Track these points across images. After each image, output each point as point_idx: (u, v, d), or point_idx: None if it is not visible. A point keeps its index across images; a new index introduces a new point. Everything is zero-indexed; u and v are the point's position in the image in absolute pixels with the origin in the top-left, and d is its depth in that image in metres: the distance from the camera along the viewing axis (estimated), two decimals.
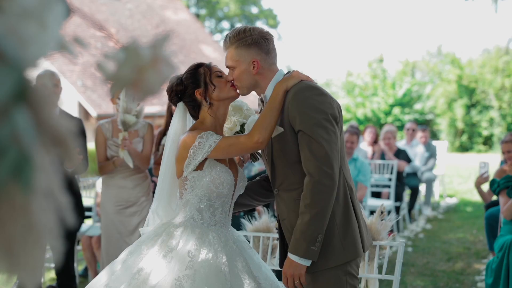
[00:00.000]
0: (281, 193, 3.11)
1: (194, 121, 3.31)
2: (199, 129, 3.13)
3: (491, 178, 6.15)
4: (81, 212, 5.56)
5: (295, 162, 3.00)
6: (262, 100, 3.20)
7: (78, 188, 5.59)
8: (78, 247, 6.92)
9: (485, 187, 6.83)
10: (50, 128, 0.91)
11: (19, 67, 0.90)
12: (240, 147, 3.04)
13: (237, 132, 3.40)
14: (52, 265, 6.71)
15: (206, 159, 3.10)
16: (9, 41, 0.91)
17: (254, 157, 3.52)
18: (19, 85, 0.88)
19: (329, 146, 2.87)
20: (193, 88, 3.20)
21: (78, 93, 19.71)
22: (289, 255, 2.94)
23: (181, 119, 3.31)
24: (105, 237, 5.74)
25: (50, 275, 7.09)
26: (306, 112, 2.91)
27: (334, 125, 2.93)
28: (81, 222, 6.89)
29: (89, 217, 7.79)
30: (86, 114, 20.05)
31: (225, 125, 3.36)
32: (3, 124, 0.83)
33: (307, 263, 2.91)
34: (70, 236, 5.49)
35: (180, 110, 3.30)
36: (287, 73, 3.13)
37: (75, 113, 19.58)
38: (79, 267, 7.16)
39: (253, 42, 3.06)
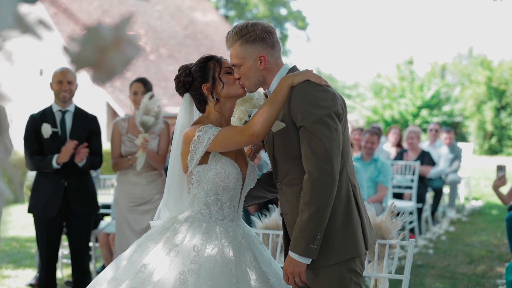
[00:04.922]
0: (283, 188, 3.07)
1: (200, 114, 3.27)
2: (202, 123, 3.09)
3: (509, 181, 6.04)
4: (95, 208, 5.56)
5: (296, 157, 2.95)
6: (266, 95, 3.16)
7: (93, 184, 5.60)
8: (96, 244, 6.95)
9: (504, 189, 6.69)
10: None
11: None
12: (236, 140, 2.99)
13: (246, 122, 3.31)
14: (69, 261, 6.76)
15: (210, 152, 3.07)
16: None
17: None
18: None
19: (329, 143, 2.81)
20: (201, 82, 3.15)
21: (107, 94, 19.89)
22: (289, 252, 2.91)
23: (188, 111, 3.27)
24: (118, 234, 5.75)
25: (68, 271, 7.14)
26: (308, 108, 2.86)
27: (336, 122, 2.87)
28: (98, 219, 6.95)
29: (107, 214, 7.84)
30: (114, 114, 20.23)
31: (233, 114, 3.30)
32: None
33: (307, 261, 2.88)
34: (86, 233, 5.50)
35: (186, 101, 3.26)
36: (292, 67, 3.09)
37: (103, 113, 19.80)
38: (97, 264, 7.19)
39: (257, 37, 3.00)
